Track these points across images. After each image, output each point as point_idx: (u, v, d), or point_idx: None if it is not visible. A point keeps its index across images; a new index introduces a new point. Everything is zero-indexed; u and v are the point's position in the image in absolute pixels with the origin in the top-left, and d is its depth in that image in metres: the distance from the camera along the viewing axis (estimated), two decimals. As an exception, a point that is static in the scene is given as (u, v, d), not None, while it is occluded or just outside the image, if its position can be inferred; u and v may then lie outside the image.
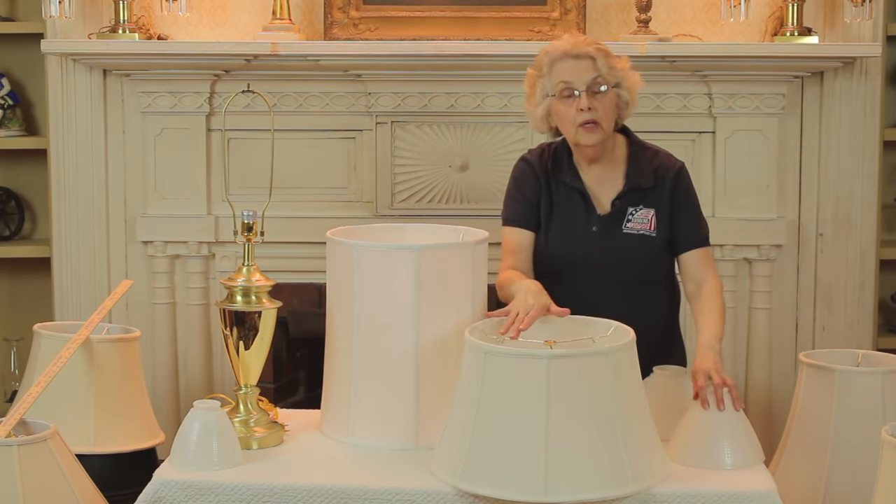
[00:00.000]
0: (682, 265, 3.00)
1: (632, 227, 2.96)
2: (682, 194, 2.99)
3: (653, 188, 2.97)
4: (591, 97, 2.88)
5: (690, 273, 2.97)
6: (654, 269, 3.01)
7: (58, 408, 2.92)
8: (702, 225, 3.02)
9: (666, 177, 2.98)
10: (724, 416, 2.60)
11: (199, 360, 4.13)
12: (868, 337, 4.10)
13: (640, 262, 2.97)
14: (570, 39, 2.95)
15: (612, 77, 2.91)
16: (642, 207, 2.97)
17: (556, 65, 2.91)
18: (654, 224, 2.96)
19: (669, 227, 2.98)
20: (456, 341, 2.58)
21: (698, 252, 2.98)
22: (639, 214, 2.97)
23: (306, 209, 4.06)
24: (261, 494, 2.50)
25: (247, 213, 2.77)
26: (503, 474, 2.36)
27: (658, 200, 2.97)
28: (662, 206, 2.97)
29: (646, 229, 2.96)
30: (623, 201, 2.97)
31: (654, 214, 2.96)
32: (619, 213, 2.97)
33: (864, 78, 4.03)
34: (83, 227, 4.14)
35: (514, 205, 3.03)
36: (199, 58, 3.93)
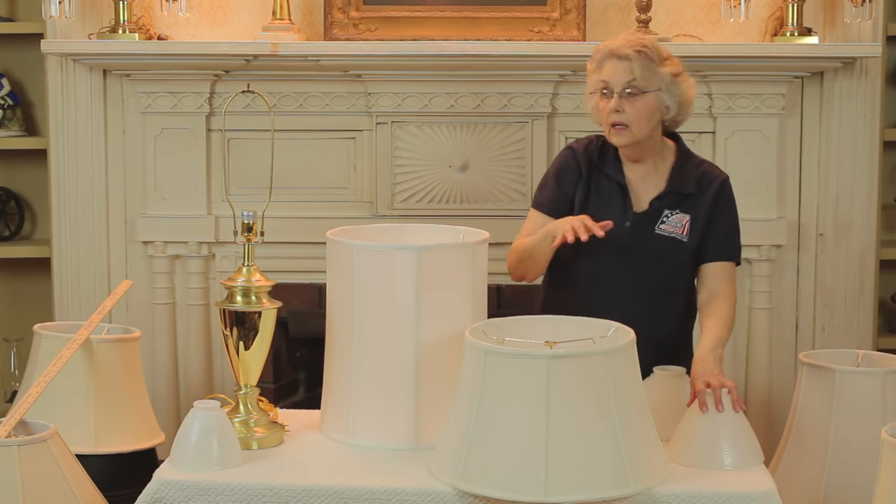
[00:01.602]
0: (701, 274, 2.97)
1: (665, 228, 2.96)
2: (722, 205, 2.97)
3: (693, 195, 2.96)
4: (623, 99, 2.88)
5: (708, 283, 2.95)
6: (678, 276, 2.98)
7: (58, 408, 2.92)
8: (733, 240, 2.99)
9: (709, 186, 2.97)
10: (724, 416, 2.59)
11: (199, 361, 4.13)
12: (868, 337, 4.10)
13: (666, 266, 2.96)
14: (623, 38, 2.94)
15: (647, 82, 2.88)
16: (679, 212, 2.96)
17: (603, 63, 2.92)
18: (687, 230, 2.95)
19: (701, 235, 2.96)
20: (456, 341, 2.58)
21: (723, 265, 2.95)
22: (674, 218, 2.96)
23: (306, 209, 4.06)
24: (261, 494, 2.50)
25: (247, 213, 2.77)
26: (503, 474, 2.36)
27: (696, 208, 2.96)
28: (699, 215, 2.96)
29: (678, 233, 2.95)
30: (661, 202, 2.96)
31: (689, 221, 2.95)
32: (656, 213, 2.96)
33: (864, 78, 4.03)
34: (83, 228, 4.14)
35: (548, 191, 3.03)
36: (199, 58, 3.93)
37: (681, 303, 3.02)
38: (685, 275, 3.00)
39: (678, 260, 2.96)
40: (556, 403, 2.34)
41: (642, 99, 2.89)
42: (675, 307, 3.00)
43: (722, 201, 2.98)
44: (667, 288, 2.97)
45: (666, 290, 2.97)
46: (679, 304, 3.01)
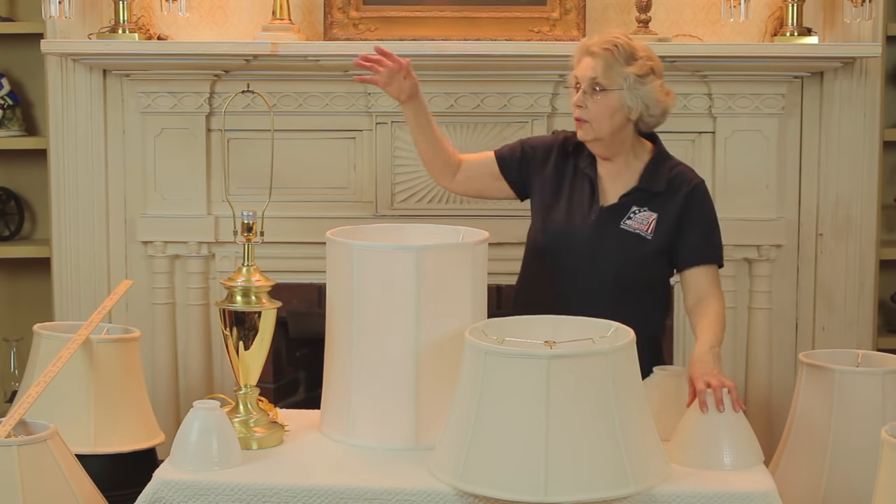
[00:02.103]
0: (686, 280, 2.97)
1: (630, 224, 2.97)
2: (695, 207, 2.98)
3: (663, 193, 2.97)
4: (586, 95, 2.92)
5: (694, 287, 2.95)
6: (641, 274, 2.99)
7: (58, 408, 2.92)
8: (712, 242, 2.99)
9: (680, 187, 2.98)
10: (724, 416, 2.60)
11: (199, 360, 4.13)
12: (868, 337, 4.10)
13: (629, 262, 2.96)
14: (602, 35, 2.98)
15: (609, 81, 2.91)
16: (646, 210, 2.97)
17: (580, 58, 2.97)
18: (652, 228, 2.97)
19: (674, 238, 2.97)
20: (456, 341, 2.58)
21: (704, 269, 2.96)
22: (641, 215, 2.97)
23: (306, 209, 4.06)
24: (261, 494, 2.50)
25: (247, 213, 2.77)
26: (503, 474, 2.36)
27: (664, 207, 2.97)
28: (667, 215, 2.97)
29: (643, 230, 2.97)
30: (629, 199, 2.98)
31: (655, 219, 2.97)
32: (622, 208, 2.98)
33: (864, 78, 4.03)
34: (83, 228, 4.14)
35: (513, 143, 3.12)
36: (199, 58, 3.93)
37: (644, 299, 3.00)
38: (648, 272, 3.01)
39: (640, 256, 2.97)
40: (556, 403, 2.34)
41: (604, 97, 2.91)
42: (638, 303, 2.97)
43: (695, 205, 2.98)
44: (629, 283, 2.97)
45: (628, 286, 2.97)
46: (642, 300, 2.99)
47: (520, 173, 3.10)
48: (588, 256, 2.96)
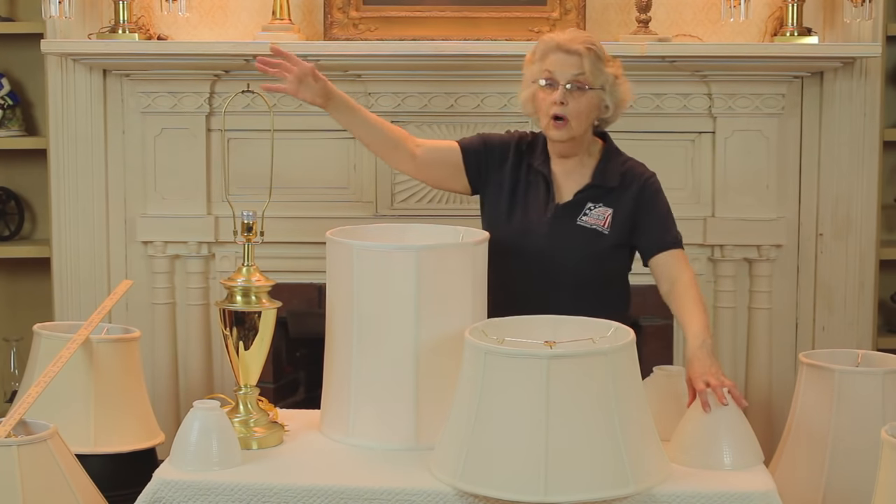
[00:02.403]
0: (654, 269, 2.98)
1: (586, 220, 2.99)
2: (649, 200, 3.00)
3: (616, 189, 3.00)
4: (568, 93, 2.92)
5: (663, 274, 2.96)
6: (600, 269, 3.01)
7: (58, 408, 2.92)
8: (671, 229, 3.01)
9: (633, 182, 3.01)
10: (724, 416, 2.59)
11: (199, 360, 4.13)
12: (868, 337, 4.10)
13: (587, 257, 2.98)
14: (570, 33, 2.99)
15: (595, 79, 2.93)
16: (601, 205, 2.99)
17: (548, 54, 2.96)
18: (608, 223, 2.99)
19: (631, 232, 2.99)
20: (456, 341, 2.58)
21: (670, 253, 2.97)
22: (596, 211, 2.99)
23: (306, 209, 4.06)
24: (261, 494, 2.50)
25: (247, 213, 2.77)
26: (503, 474, 2.36)
27: (619, 202, 2.99)
28: (622, 209, 2.99)
29: (599, 226, 2.98)
30: (584, 195, 3.00)
31: (611, 214, 2.99)
32: (578, 205, 3.00)
33: (864, 78, 4.02)
34: (83, 227, 4.14)
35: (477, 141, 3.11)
36: (199, 58, 3.93)
37: (604, 296, 3.01)
38: (606, 267, 3.02)
39: (599, 251, 2.98)
40: (556, 403, 2.34)
41: (585, 95, 2.93)
42: (598, 300, 2.96)
43: (648, 197, 3.00)
44: (588, 280, 2.98)
45: (587, 282, 2.98)
46: (602, 297, 2.99)
47: (479, 168, 3.09)
48: (546, 254, 2.97)
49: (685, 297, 2.88)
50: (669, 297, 2.94)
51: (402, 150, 3.10)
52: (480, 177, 3.10)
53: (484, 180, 3.09)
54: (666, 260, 2.97)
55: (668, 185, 3.97)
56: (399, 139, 3.10)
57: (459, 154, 3.09)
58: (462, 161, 3.09)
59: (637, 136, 4.00)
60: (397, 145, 3.10)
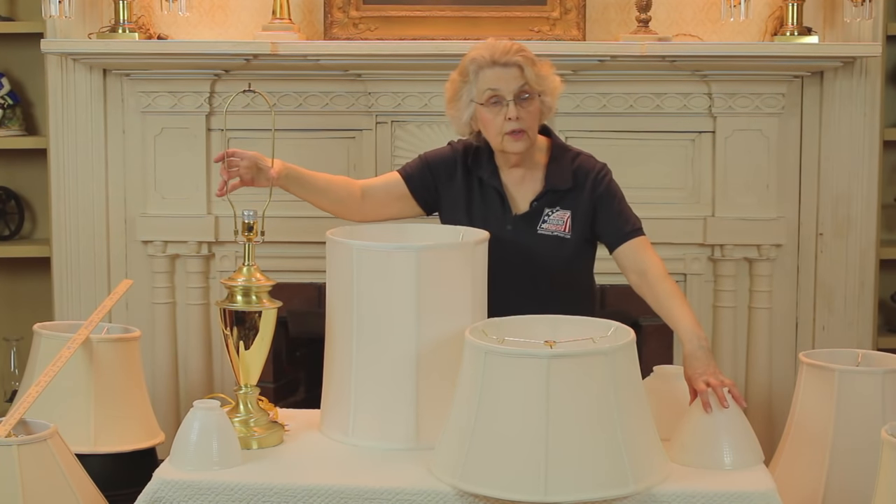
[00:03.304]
0: (619, 260, 2.96)
1: (546, 227, 2.98)
2: (603, 193, 2.98)
3: (571, 190, 2.98)
4: (518, 105, 2.90)
5: (630, 265, 2.93)
6: (568, 272, 3.00)
7: (58, 408, 2.92)
8: (629, 218, 2.98)
9: (586, 178, 2.99)
10: (724, 416, 2.60)
11: (199, 360, 4.13)
12: (868, 337, 4.10)
13: (554, 264, 2.97)
14: (496, 45, 2.93)
15: (537, 85, 2.92)
16: (559, 209, 2.98)
17: (483, 72, 2.92)
18: (569, 226, 2.98)
19: (591, 228, 2.98)
20: (456, 341, 2.58)
21: (632, 243, 2.94)
22: (555, 216, 2.98)
23: (306, 209, 4.02)
24: (261, 494, 2.50)
25: (247, 212, 2.77)
26: (503, 474, 2.36)
27: (576, 202, 2.98)
28: (580, 208, 2.97)
29: (560, 231, 2.98)
30: (541, 203, 2.98)
31: (570, 216, 2.98)
32: (536, 213, 2.98)
33: (864, 78, 4.03)
34: (83, 227, 4.14)
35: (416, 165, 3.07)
36: (199, 58, 3.93)
37: (572, 297, 3.00)
38: (573, 271, 3.02)
39: (563, 257, 2.98)
40: (556, 403, 2.34)
41: (534, 103, 2.92)
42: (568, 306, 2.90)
43: (602, 192, 2.98)
44: (556, 286, 2.98)
45: (555, 289, 2.97)
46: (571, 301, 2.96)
47: (428, 191, 3.06)
48: (511, 267, 2.94)
49: (662, 290, 2.85)
50: (641, 288, 2.90)
51: (354, 201, 3.05)
52: (430, 198, 3.07)
53: (434, 200, 3.07)
54: (629, 250, 2.93)
55: (668, 185, 4.02)
56: (349, 189, 3.06)
57: (402, 183, 3.06)
58: (407, 189, 3.06)
59: (637, 136, 4.00)
60: (343, 199, 3.05)
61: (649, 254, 2.92)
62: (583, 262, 3.05)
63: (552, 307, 2.80)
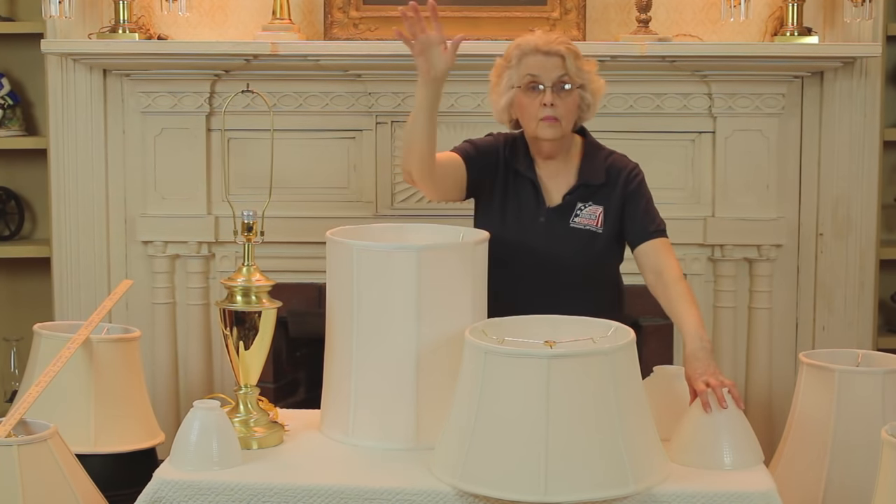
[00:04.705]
0: (639, 258, 2.98)
1: (579, 221, 2.99)
2: (633, 191, 3.01)
3: (604, 185, 3.00)
4: (555, 94, 2.93)
5: (648, 264, 2.95)
6: (597, 268, 3.02)
7: (58, 408, 2.92)
8: (655, 218, 3.01)
9: (618, 175, 3.01)
10: (724, 416, 2.60)
11: (199, 360, 4.13)
12: (868, 337, 4.10)
13: (584, 258, 2.98)
14: (543, 36, 2.99)
15: (578, 78, 2.95)
16: (591, 204, 3.00)
17: (526, 58, 2.96)
18: (601, 221, 2.99)
19: (620, 224, 2.99)
20: (456, 341, 2.58)
21: (654, 243, 2.96)
22: (587, 210, 3.00)
23: (306, 209, 4.06)
24: (261, 494, 2.50)
25: (247, 213, 2.77)
26: (503, 474, 2.36)
27: (608, 198, 3.00)
28: (612, 204, 2.99)
29: (592, 225, 2.99)
30: (573, 196, 3.00)
31: (602, 212, 2.99)
32: (568, 207, 3.00)
33: (864, 78, 4.03)
34: (83, 227, 4.14)
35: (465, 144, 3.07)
36: (199, 58, 3.93)
37: (601, 295, 3.02)
38: (603, 266, 3.04)
39: (595, 251, 2.99)
40: (556, 403, 2.34)
41: (572, 94, 2.95)
42: (596, 300, 2.96)
43: (633, 189, 3.01)
44: (586, 281, 2.98)
45: (585, 283, 2.98)
46: (599, 296, 3.00)
47: (479, 175, 3.05)
48: (543, 260, 2.96)
49: (675, 292, 2.87)
50: (656, 288, 2.93)
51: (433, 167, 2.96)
52: (479, 185, 3.07)
53: (479, 188, 3.07)
54: (650, 249, 2.96)
55: (668, 184, 4.01)
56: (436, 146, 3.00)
57: (464, 166, 3.03)
58: (465, 172, 3.04)
59: (637, 136, 4.00)
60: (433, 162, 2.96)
61: (668, 256, 2.95)
62: (612, 259, 3.06)
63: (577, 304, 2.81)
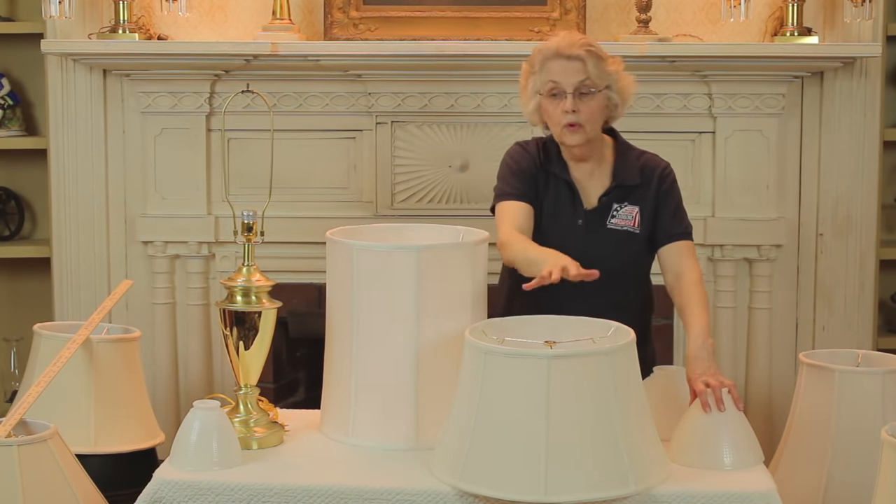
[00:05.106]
0: (661, 258, 2.99)
1: (616, 222, 2.98)
2: (666, 191, 3.00)
3: (639, 186, 2.99)
4: (577, 99, 2.90)
5: (670, 265, 2.96)
6: (634, 267, 3.02)
7: (58, 408, 2.92)
8: (683, 219, 3.01)
9: (652, 175, 3.00)
10: (724, 416, 2.60)
11: (199, 360, 4.13)
12: (868, 337, 4.10)
13: (622, 259, 2.97)
14: (565, 38, 2.95)
15: (600, 80, 2.91)
16: (627, 204, 2.99)
17: (548, 63, 2.93)
18: (638, 221, 2.99)
19: (652, 224, 2.99)
20: (456, 341, 2.58)
21: (678, 244, 2.97)
22: (624, 211, 2.98)
23: (306, 209, 4.06)
24: (261, 494, 2.50)
25: (247, 213, 2.77)
26: (503, 474, 2.36)
27: (643, 198, 2.99)
28: (647, 204, 2.99)
29: (630, 226, 2.98)
30: (609, 198, 2.99)
31: (638, 212, 2.98)
32: (605, 208, 2.99)
33: (864, 78, 4.03)
34: (83, 227, 4.14)
35: (512, 179, 3.01)
36: (199, 58, 3.93)
37: (638, 295, 3.04)
38: (640, 266, 3.03)
39: (632, 252, 2.99)
40: (556, 403, 2.34)
41: (594, 98, 2.91)
42: (632, 301, 3.00)
43: (666, 188, 3.01)
44: (623, 282, 2.98)
45: (623, 284, 2.97)
46: (636, 296, 3.03)
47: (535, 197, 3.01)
48: (583, 262, 2.92)
49: (690, 296, 2.89)
50: (674, 290, 2.94)
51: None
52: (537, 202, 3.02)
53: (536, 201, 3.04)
54: (674, 251, 2.97)
55: (668, 185, 4.00)
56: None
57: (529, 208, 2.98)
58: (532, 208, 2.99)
59: (637, 136, 3.97)
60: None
61: (690, 259, 2.96)
62: (647, 258, 3.05)
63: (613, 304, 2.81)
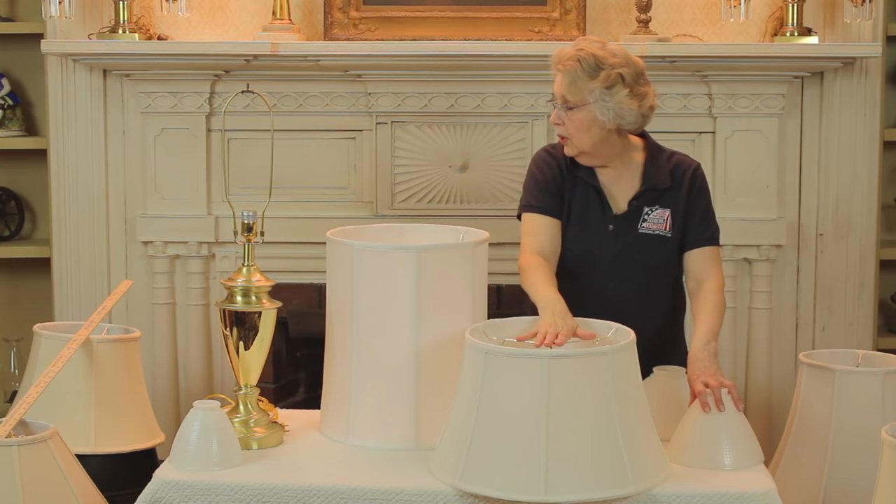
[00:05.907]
0: (686, 262, 2.96)
1: (647, 227, 2.94)
2: (697, 193, 2.97)
3: (670, 188, 2.95)
4: (563, 112, 2.88)
5: (694, 271, 2.94)
6: (667, 270, 2.98)
7: (58, 408, 2.92)
8: (711, 224, 2.98)
9: (683, 177, 2.96)
10: (724, 416, 2.60)
11: (199, 361, 4.13)
12: (868, 337, 4.10)
13: (655, 263, 2.95)
14: (566, 49, 2.89)
15: (577, 97, 2.84)
16: (658, 207, 2.95)
17: (553, 73, 2.91)
18: (669, 224, 2.94)
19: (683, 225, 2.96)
20: (456, 341, 2.58)
21: (704, 250, 2.95)
22: (655, 214, 2.95)
23: (306, 209, 4.06)
24: (261, 494, 2.50)
25: (247, 213, 2.77)
26: (503, 474, 2.36)
27: (674, 201, 2.95)
28: (678, 207, 2.95)
29: (661, 229, 2.94)
30: (640, 201, 2.95)
31: (669, 215, 2.94)
32: (636, 212, 2.95)
33: (864, 78, 4.03)
34: (83, 227, 4.14)
35: (536, 191, 2.97)
36: (199, 58, 3.93)
37: (670, 298, 3.02)
38: (672, 270, 3.00)
39: (665, 255, 2.96)
40: (556, 403, 2.34)
41: (575, 113, 2.86)
42: (665, 303, 3.00)
43: (696, 190, 2.97)
44: (655, 286, 2.97)
45: (654, 289, 2.97)
46: (668, 299, 3.01)
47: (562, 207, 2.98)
48: (615, 268, 2.93)
49: (705, 301, 2.87)
50: (694, 296, 2.93)
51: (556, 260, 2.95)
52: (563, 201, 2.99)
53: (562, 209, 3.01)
54: (699, 257, 2.94)
55: (668, 185, 4.00)
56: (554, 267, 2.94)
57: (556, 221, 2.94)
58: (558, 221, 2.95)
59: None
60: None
61: (714, 266, 2.94)
62: (679, 265, 2.99)
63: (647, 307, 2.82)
